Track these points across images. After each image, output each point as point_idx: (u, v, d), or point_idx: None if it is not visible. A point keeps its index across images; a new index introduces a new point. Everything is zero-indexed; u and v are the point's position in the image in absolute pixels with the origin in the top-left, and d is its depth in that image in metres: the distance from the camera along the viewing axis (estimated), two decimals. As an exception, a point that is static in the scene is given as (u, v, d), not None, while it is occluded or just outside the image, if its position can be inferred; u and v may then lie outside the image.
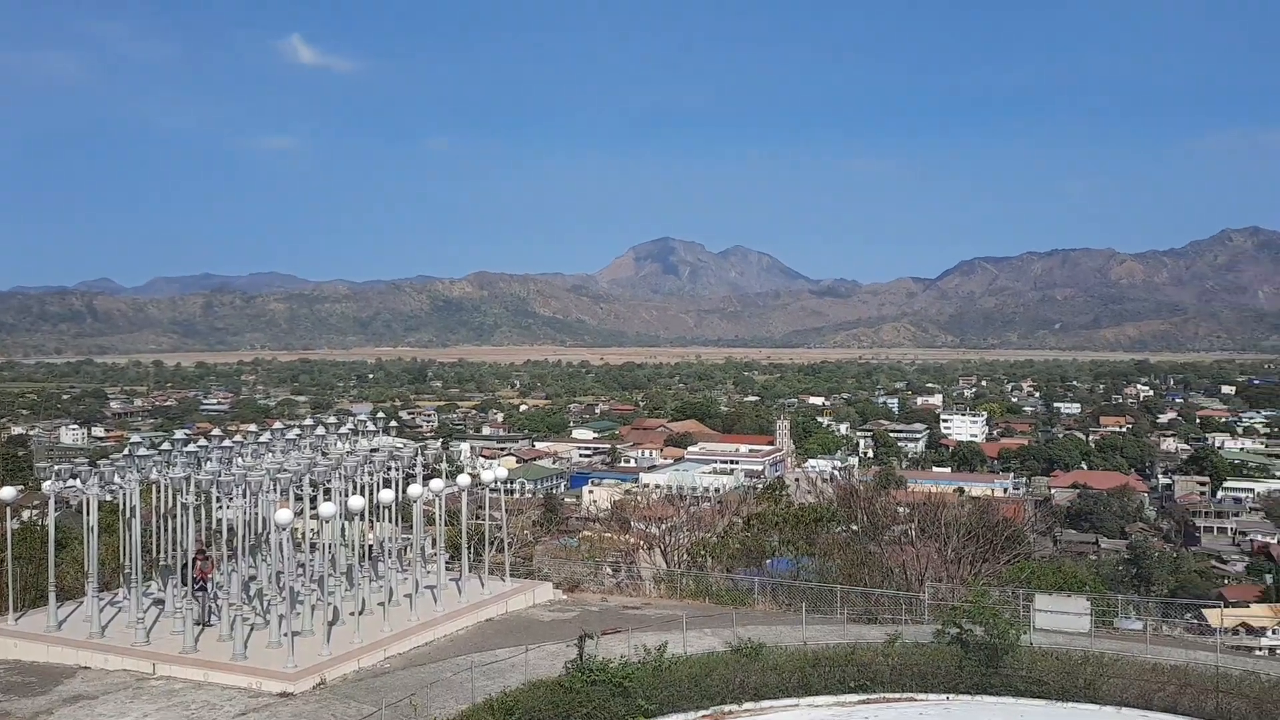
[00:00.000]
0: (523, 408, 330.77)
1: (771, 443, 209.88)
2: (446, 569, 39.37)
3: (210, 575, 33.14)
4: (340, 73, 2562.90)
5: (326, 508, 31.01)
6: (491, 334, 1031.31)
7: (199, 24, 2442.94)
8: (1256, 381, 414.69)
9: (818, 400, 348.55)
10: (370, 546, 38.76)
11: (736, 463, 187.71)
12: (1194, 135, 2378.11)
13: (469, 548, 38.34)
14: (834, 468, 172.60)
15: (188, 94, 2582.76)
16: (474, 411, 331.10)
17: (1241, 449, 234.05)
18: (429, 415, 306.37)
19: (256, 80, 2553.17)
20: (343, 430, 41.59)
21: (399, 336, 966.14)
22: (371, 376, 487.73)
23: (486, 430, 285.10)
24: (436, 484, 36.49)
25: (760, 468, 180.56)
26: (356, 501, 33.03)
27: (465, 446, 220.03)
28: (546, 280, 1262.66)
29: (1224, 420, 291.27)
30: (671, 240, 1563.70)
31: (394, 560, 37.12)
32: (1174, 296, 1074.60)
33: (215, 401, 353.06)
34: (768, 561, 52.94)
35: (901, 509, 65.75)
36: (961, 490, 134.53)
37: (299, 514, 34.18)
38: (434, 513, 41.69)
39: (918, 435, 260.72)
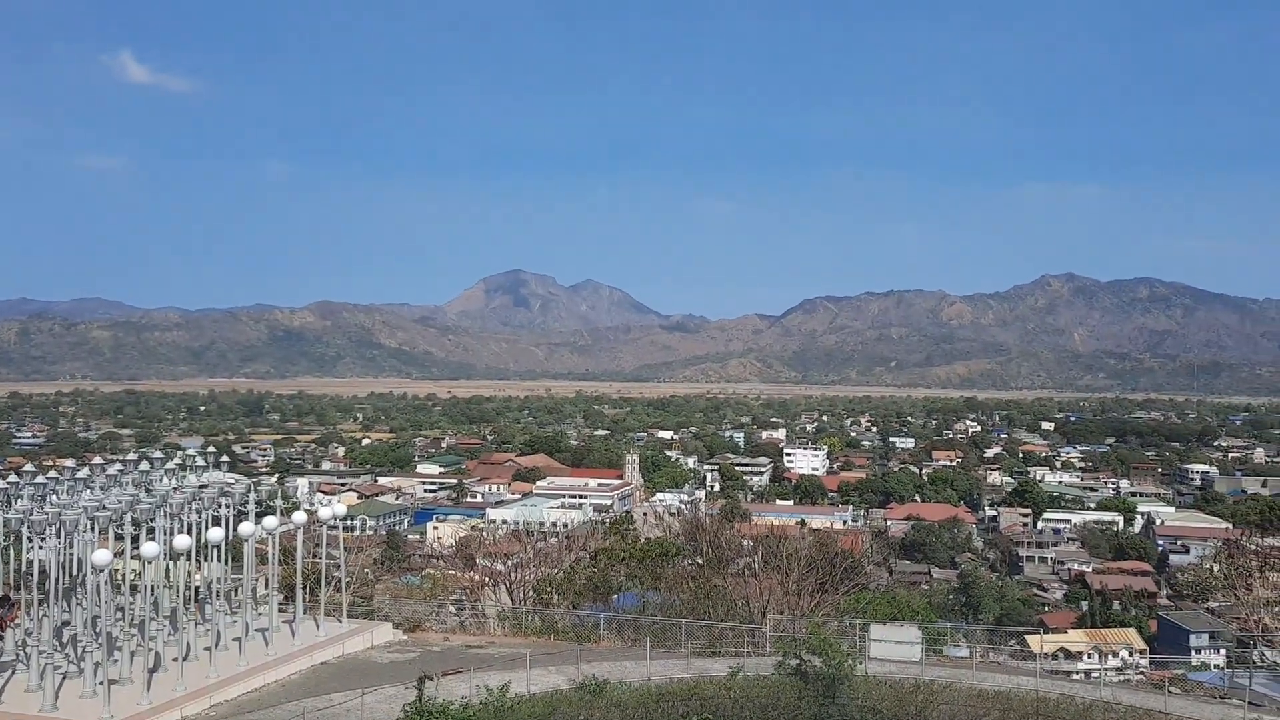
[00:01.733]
0: (365, 442, 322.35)
1: (620, 477, 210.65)
2: (280, 611, 37.74)
3: (14, 621, 30.77)
4: (174, 92, 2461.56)
5: (149, 548, 29.33)
6: (334, 365, 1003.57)
7: (14, 35, 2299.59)
8: (1073, 418, 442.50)
9: (667, 434, 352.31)
10: (197, 588, 36.85)
11: (585, 497, 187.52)
12: (1015, 185, 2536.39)
13: (304, 588, 36.87)
14: (681, 501, 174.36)
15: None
16: (313, 446, 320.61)
17: (1060, 482, 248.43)
18: (265, 450, 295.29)
19: (81, 96, 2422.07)
20: (170, 465, 39.54)
21: (234, 367, 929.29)
22: (203, 409, 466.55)
23: (326, 465, 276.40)
24: (270, 521, 35.02)
25: (609, 502, 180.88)
26: (182, 541, 31.34)
27: (303, 482, 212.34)
28: (392, 311, 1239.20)
29: (1044, 455, 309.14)
30: (523, 273, 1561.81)
31: (223, 602, 35.33)
32: (999, 337, 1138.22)
33: (29, 435, 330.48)
34: (614, 597, 52.90)
35: (746, 542, 66.91)
36: (803, 523, 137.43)
37: (119, 554, 32.21)
38: (267, 552, 39.96)
39: (762, 469, 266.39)
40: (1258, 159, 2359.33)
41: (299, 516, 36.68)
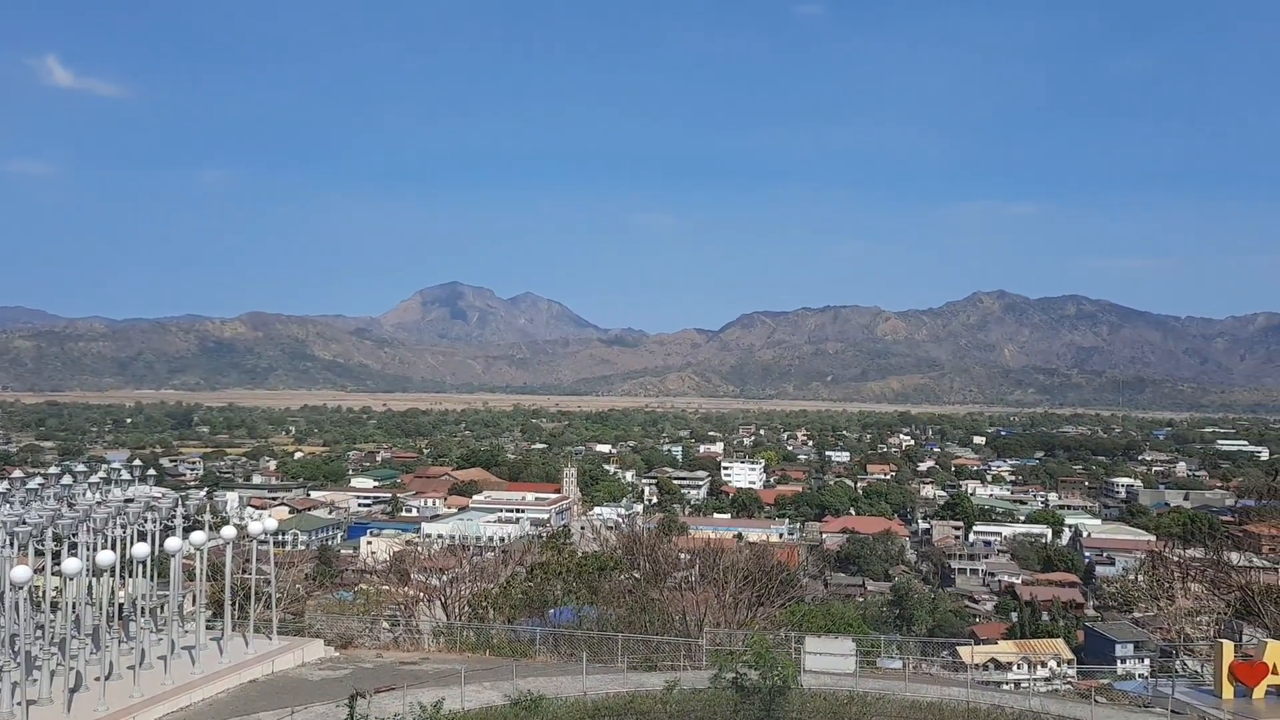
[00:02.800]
0: (298, 455, 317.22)
1: (558, 491, 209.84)
2: (208, 628, 36.91)
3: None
4: (103, 96, 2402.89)
5: (71, 564, 28.50)
6: (266, 377, 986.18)
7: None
8: (1003, 433, 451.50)
9: (605, 448, 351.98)
10: (122, 605, 35.87)
11: (522, 511, 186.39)
12: (949, 204, 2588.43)
13: (233, 604, 36.10)
14: (619, 515, 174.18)
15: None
16: (244, 459, 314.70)
17: (990, 495, 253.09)
18: (193, 463, 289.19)
19: (2, 100, 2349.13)
20: (93, 479, 38.50)
21: (163, 379, 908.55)
22: (130, 421, 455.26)
23: (257, 479, 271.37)
24: (198, 536, 34.27)
25: (546, 516, 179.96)
26: (106, 556, 30.49)
27: (233, 496, 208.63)
28: (327, 322, 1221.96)
29: (975, 468, 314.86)
30: (460, 285, 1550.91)
31: (148, 619, 34.43)
32: (932, 353, 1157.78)
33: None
34: (551, 611, 52.62)
35: (683, 555, 66.96)
36: (740, 536, 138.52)
37: (39, 571, 31.25)
38: (195, 567, 39.06)
39: (700, 482, 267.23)
40: (1180, 181, 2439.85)
41: (228, 531, 35.97)
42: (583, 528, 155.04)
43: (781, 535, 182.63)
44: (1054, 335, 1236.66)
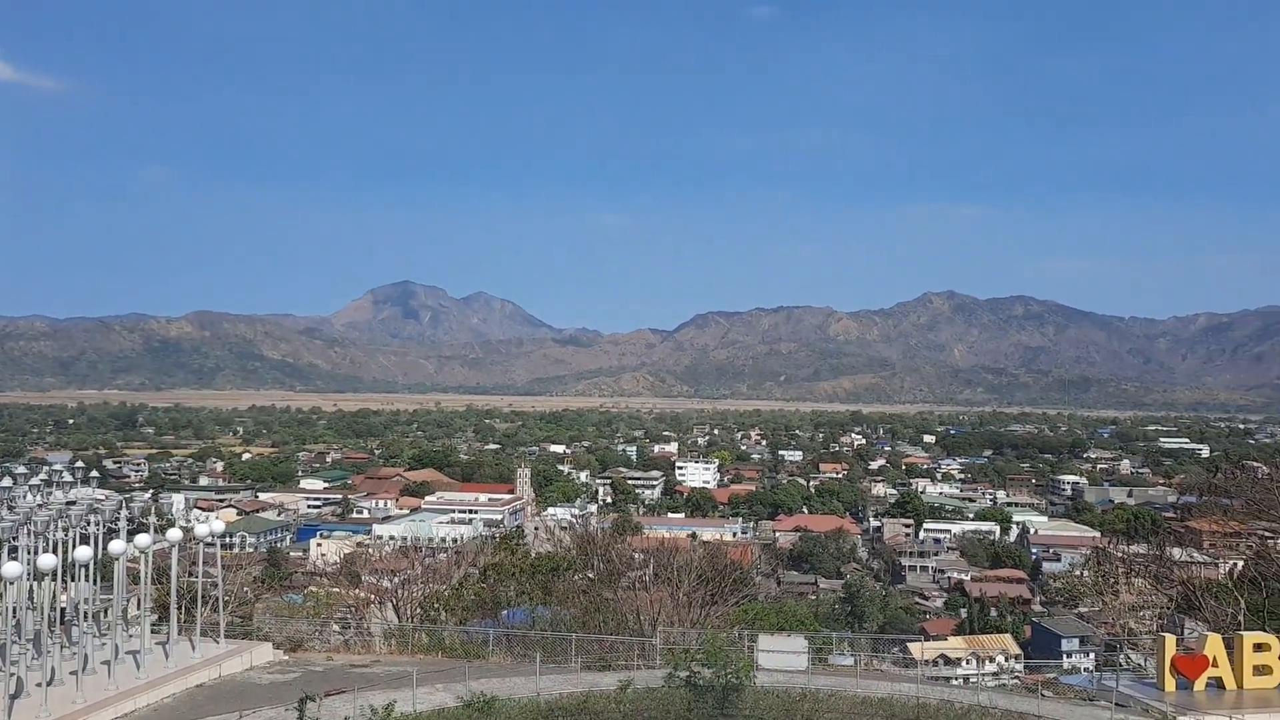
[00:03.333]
0: (246, 456, 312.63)
1: (512, 491, 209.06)
2: (153, 632, 36.25)
3: None
4: (43, 90, 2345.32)
5: (11, 568, 27.85)
6: (213, 378, 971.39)
7: None
8: (953, 431, 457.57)
9: (559, 448, 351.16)
10: (64, 609, 35.13)
11: (475, 512, 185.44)
12: (900, 205, 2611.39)
13: (179, 608, 35.48)
14: (573, 515, 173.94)
15: None
16: (190, 460, 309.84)
17: (940, 493, 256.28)
18: (139, 464, 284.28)
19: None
20: (34, 481, 37.63)
21: (106, 379, 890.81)
22: (72, 422, 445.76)
23: (204, 480, 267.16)
24: (143, 539, 33.63)
25: (500, 517, 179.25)
26: (47, 560, 29.85)
27: (179, 498, 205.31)
28: (276, 321, 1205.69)
29: (925, 467, 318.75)
30: (412, 284, 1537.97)
31: (91, 624, 33.74)
32: (883, 353, 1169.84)
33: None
34: (504, 612, 52.45)
35: (637, 555, 67.11)
36: (694, 535, 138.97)
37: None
38: (140, 571, 38.38)
39: (654, 482, 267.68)
40: (1124, 185, 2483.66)
41: (174, 534, 35.35)
42: (536, 528, 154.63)
43: (735, 534, 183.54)
44: (1002, 335, 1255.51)
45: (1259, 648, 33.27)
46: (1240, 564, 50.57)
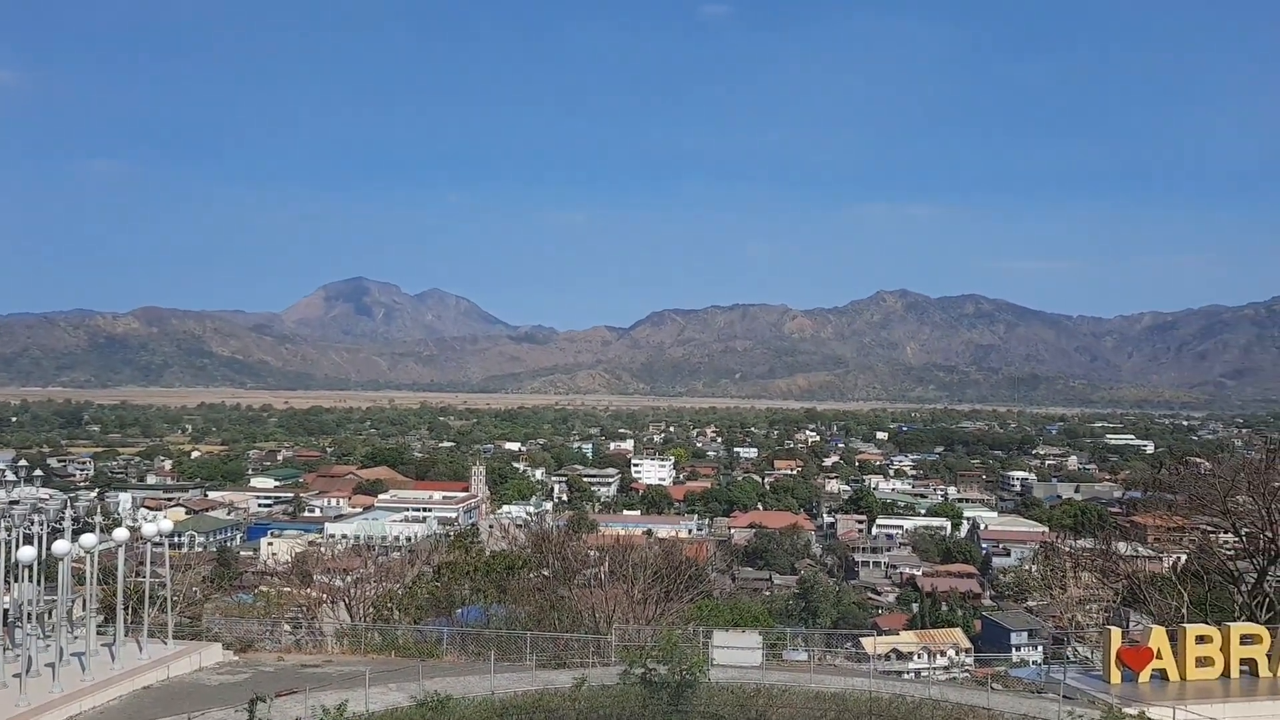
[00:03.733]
0: (195, 455, 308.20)
1: (466, 489, 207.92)
2: (99, 633, 35.55)
3: None
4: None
5: (-51, 569, 27.17)
6: (160, 374, 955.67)
7: None
8: (905, 429, 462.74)
9: (514, 446, 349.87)
10: (6, 611, 34.37)
11: (429, 510, 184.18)
12: (853, 204, 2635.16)
13: (126, 609, 34.86)
14: (528, 513, 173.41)
15: None
16: (137, 459, 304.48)
17: (893, 489, 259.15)
18: (84, 463, 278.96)
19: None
20: (-25, 480, 36.76)
21: (50, 376, 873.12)
22: (15, 420, 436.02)
23: (152, 479, 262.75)
24: (88, 539, 32.95)
25: (454, 515, 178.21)
26: (-12, 561, 29.20)
27: (125, 497, 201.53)
28: (225, 318, 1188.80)
29: (878, 463, 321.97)
30: (365, 280, 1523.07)
31: (35, 625, 33.05)
32: (838, 350, 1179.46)
33: None
34: (458, 611, 52.15)
35: (593, 552, 66.94)
36: (650, 532, 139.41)
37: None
38: (85, 571, 37.64)
39: (610, 480, 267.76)
40: (1072, 186, 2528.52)
41: (120, 533, 34.69)
42: (491, 526, 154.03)
43: (690, 531, 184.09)
44: (953, 334, 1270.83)
45: (1201, 640, 34.01)
46: (1183, 558, 51.58)
